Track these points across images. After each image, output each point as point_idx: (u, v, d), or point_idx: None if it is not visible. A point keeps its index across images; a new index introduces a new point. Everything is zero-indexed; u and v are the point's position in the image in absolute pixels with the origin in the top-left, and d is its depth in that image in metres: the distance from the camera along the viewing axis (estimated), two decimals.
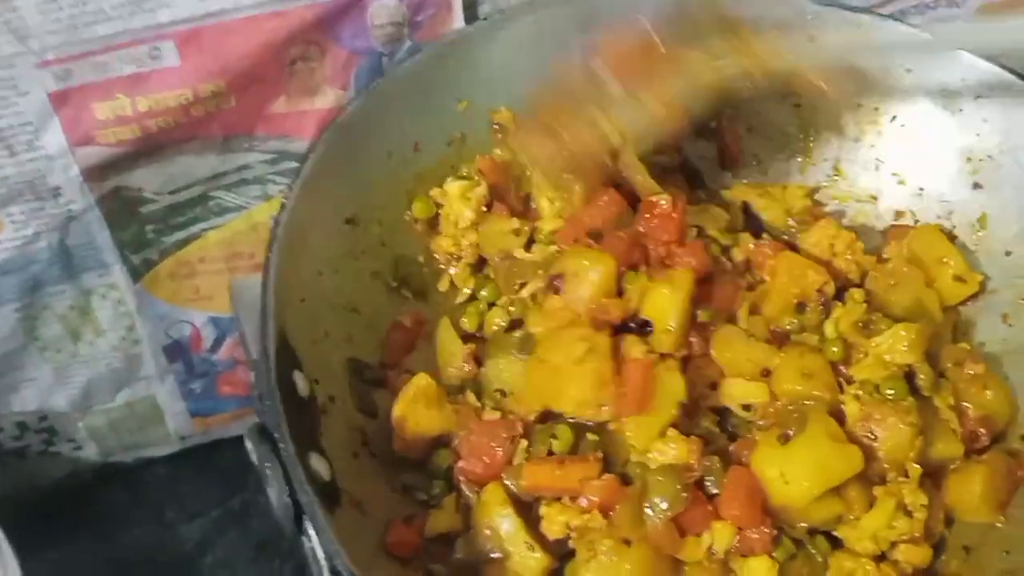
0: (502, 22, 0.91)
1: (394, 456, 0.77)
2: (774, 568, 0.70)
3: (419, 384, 0.76)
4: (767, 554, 0.71)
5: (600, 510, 0.71)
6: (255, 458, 0.67)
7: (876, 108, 0.94)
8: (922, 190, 0.94)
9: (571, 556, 0.73)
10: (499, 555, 0.72)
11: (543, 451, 0.74)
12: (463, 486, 0.75)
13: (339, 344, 0.80)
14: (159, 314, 1.05)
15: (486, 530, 0.72)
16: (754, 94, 0.81)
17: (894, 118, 0.94)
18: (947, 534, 0.77)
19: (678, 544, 0.70)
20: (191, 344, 1.10)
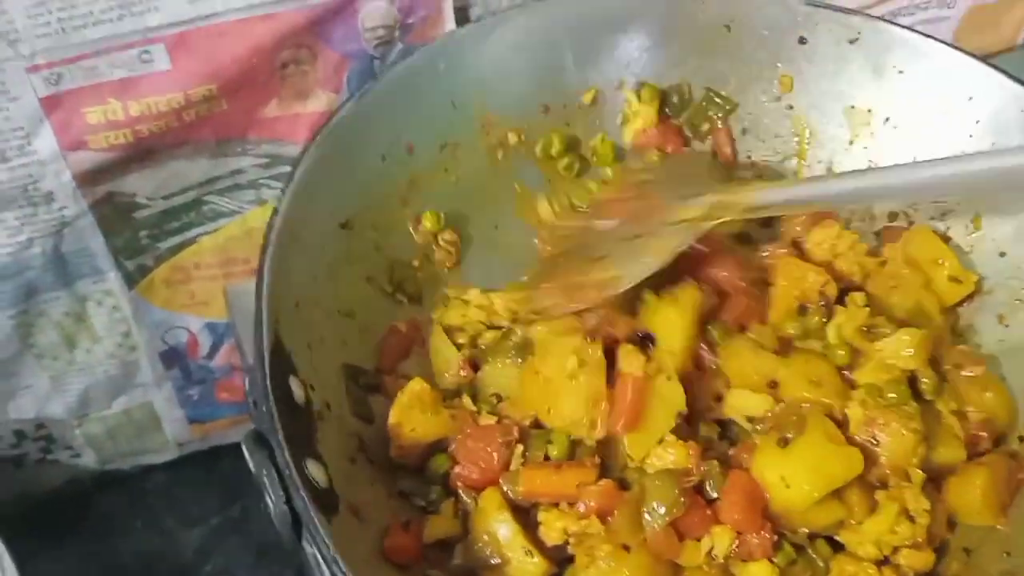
0: (493, 25, 0.91)
1: (391, 462, 0.77)
2: (774, 573, 0.70)
3: (414, 389, 0.75)
4: (767, 559, 0.70)
5: (598, 515, 0.70)
6: (252, 465, 0.67)
7: (869, 110, 0.94)
8: None
9: (570, 562, 0.72)
10: (498, 561, 0.71)
11: (540, 456, 0.74)
12: (461, 492, 0.75)
13: (334, 349, 0.79)
14: (155, 320, 1.05)
15: (484, 536, 0.72)
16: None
17: (887, 119, 0.94)
18: (949, 537, 0.77)
19: (677, 549, 0.70)
20: (188, 350, 1.10)
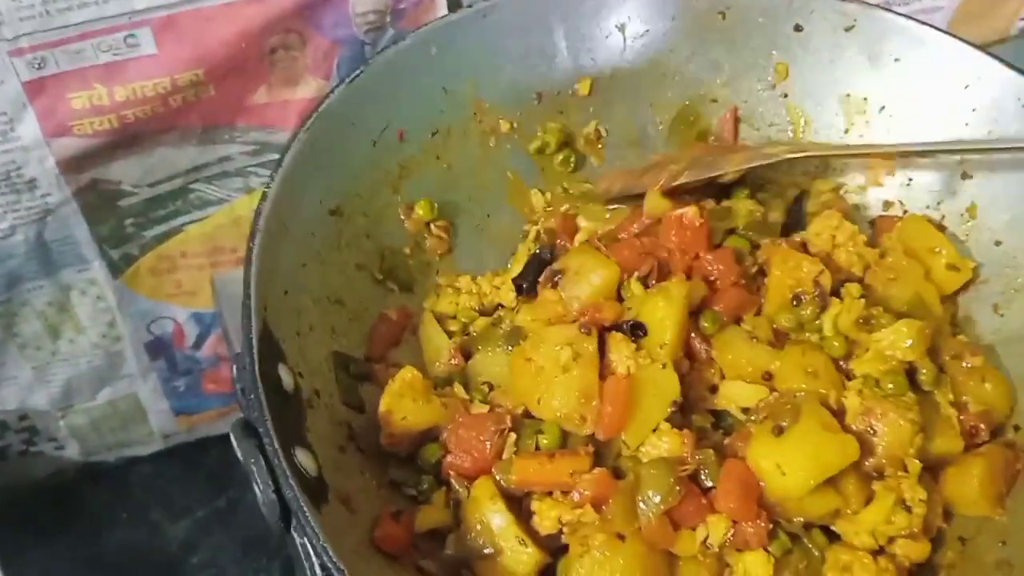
0: (486, 10, 0.89)
1: (381, 451, 0.76)
2: (770, 562, 0.69)
3: (405, 378, 0.74)
4: (763, 548, 0.70)
5: (592, 504, 0.69)
6: (240, 454, 0.66)
7: (865, 98, 0.93)
8: (911, 180, 0.93)
9: (564, 551, 0.71)
10: (490, 551, 0.70)
11: (532, 445, 0.73)
12: (453, 481, 0.74)
13: (324, 337, 0.78)
14: (140, 310, 1.04)
15: (477, 525, 0.71)
16: None
17: (883, 108, 0.93)
18: (945, 527, 0.76)
19: (672, 538, 0.69)
20: (174, 341, 1.09)
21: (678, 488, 0.68)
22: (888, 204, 0.94)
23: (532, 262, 0.86)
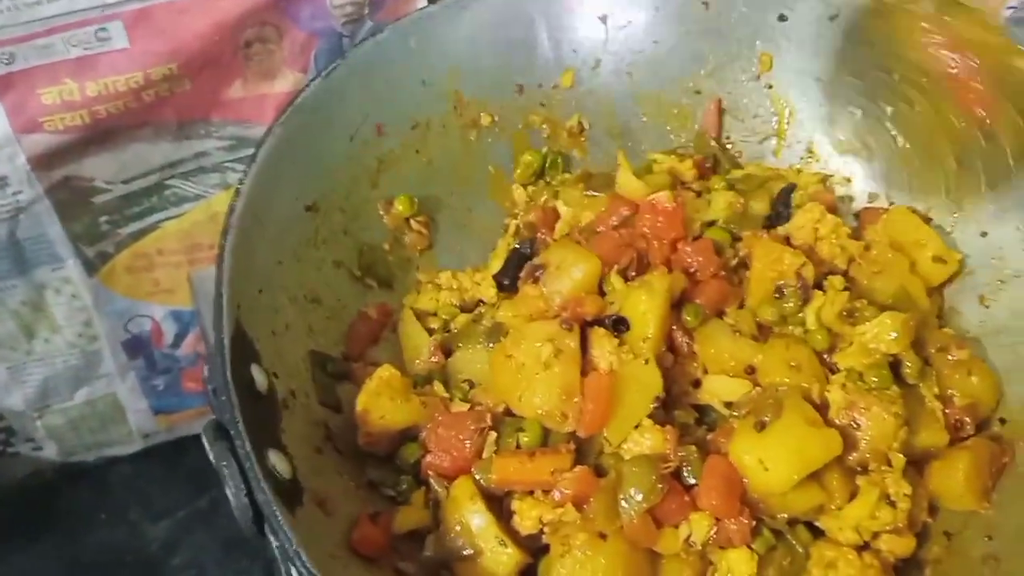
0: (466, 1, 0.89)
1: (360, 451, 0.75)
2: (753, 559, 0.68)
3: (383, 376, 0.73)
4: (746, 545, 0.69)
5: (573, 503, 0.69)
6: (212, 456, 0.65)
7: None
8: None
9: (545, 552, 0.70)
10: (470, 552, 0.69)
11: (513, 443, 0.72)
12: (432, 481, 0.73)
13: (300, 336, 0.77)
14: (117, 309, 1.02)
15: (456, 526, 0.70)
16: None
17: None
18: (930, 522, 0.75)
19: (655, 536, 0.68)
20: (152, 339, 1.07)
21: (660, 486, 0.67)
22: (873, 196, 0.93)
23: (512, 257, 0.85)
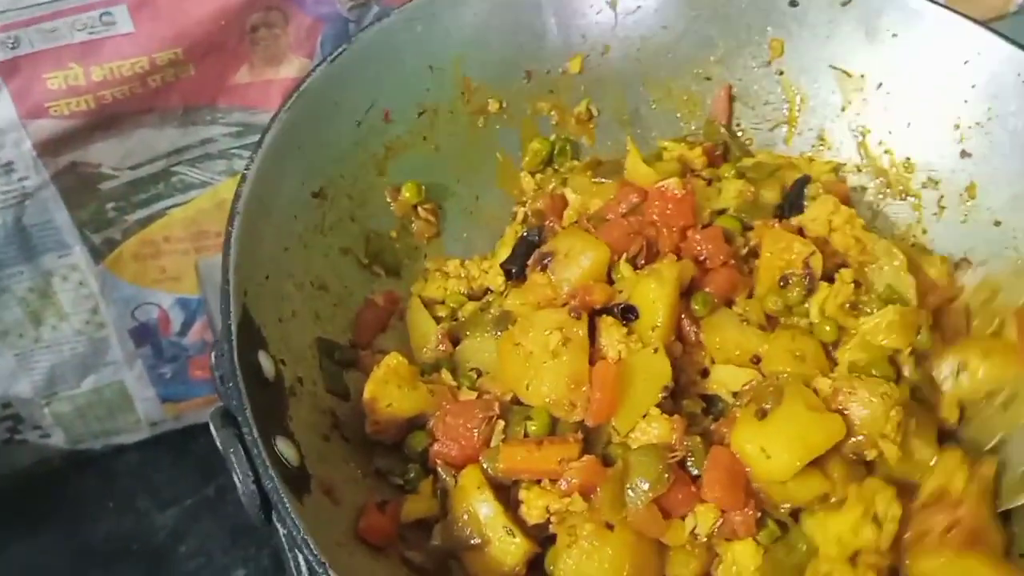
0: None
1: (367, 439, 0.74)
2: (759, 552, 0.68)
3: (390, 364, 0.72)
4: (751, 537, 0.68)
5: (581, 492, 0.68)
6: (219, 443, 0.64)
7: (862, 75, 0.91)
8: (909, 159, 0.91)
9: (552, 541, 0.70)
10: (478, 541, 0.69)
11: (521, 432, 0.71)
12: (440, 469, 0.72)
13: (307, 323, 0.76)
14: (124, 296, 1.02)
15: (464, 515, 0.69)
16: None
17: (880, 85, 0.91)
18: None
19: (661, 527, 0.67)
20: (159, 327, 1.07)
21: (667, 475, 0.67)
22: (886, 185, 0.92)
23: (520, 245, 0.84)
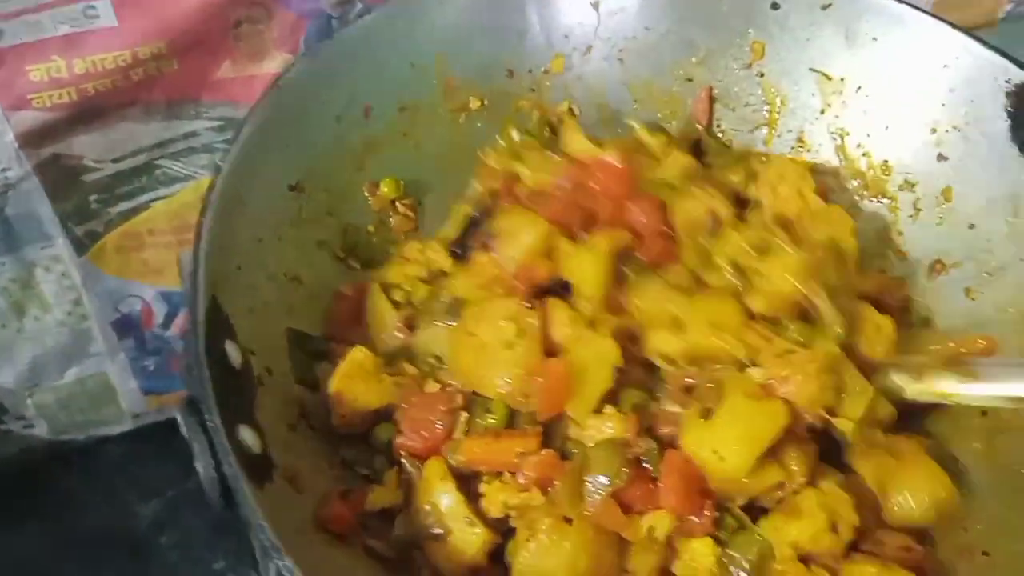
0: None
1: (334, 430, 0.75)
2: (716, 549, 0.68)
3: (355, 358, 0.73)
4: (709, 535, 0.68)
5: (538, 486, 0.68)
6: (184, 431, 0.65)
7: (842, 78, 0.92)
8: (887, 162, 0.92)
9: (514, 533, 0.70)
10: (440, 531, 0.69)
11: (483, 424, 0.72)
12: (405, 460, 0.73)
13: (279, 315, 0.77)
14: (107, 289, 1.02)
15: (427, 506, 0.70)
16: None
17: (859, 88, 0.91)
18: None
19: (621, 521, 0.67)
20: (142, 320, 1.07)
21: (625, 469, 0.67)
22: (863, 187, 0.93)
23: (468, 226, 0.85)
